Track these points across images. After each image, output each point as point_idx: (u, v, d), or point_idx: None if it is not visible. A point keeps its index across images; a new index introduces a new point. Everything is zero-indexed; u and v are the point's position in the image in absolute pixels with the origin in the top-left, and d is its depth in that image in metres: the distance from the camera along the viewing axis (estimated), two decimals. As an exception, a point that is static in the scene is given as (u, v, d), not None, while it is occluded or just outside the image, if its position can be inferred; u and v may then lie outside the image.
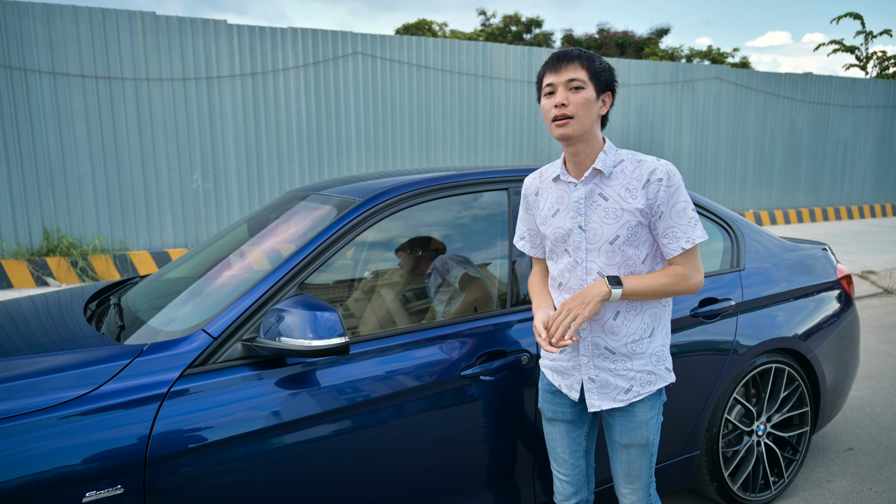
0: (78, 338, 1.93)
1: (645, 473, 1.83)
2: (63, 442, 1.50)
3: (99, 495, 1.51)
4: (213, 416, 1.65)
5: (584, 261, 1.72)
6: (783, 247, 2.97)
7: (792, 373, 2.75)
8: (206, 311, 1.85)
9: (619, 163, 1.71)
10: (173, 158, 7.95)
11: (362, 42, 8.97)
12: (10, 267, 7.12)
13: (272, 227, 2.43)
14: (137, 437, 1.56)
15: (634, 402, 1.75)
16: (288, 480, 1.73)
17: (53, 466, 1.47)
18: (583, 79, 1.64)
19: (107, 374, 1.62)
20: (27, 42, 7.10)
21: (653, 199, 1.67)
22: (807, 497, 2.81)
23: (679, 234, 1.68)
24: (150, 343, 1.72)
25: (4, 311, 2.36)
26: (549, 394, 1.88)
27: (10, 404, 1.52)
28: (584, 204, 1.71)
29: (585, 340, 1.76)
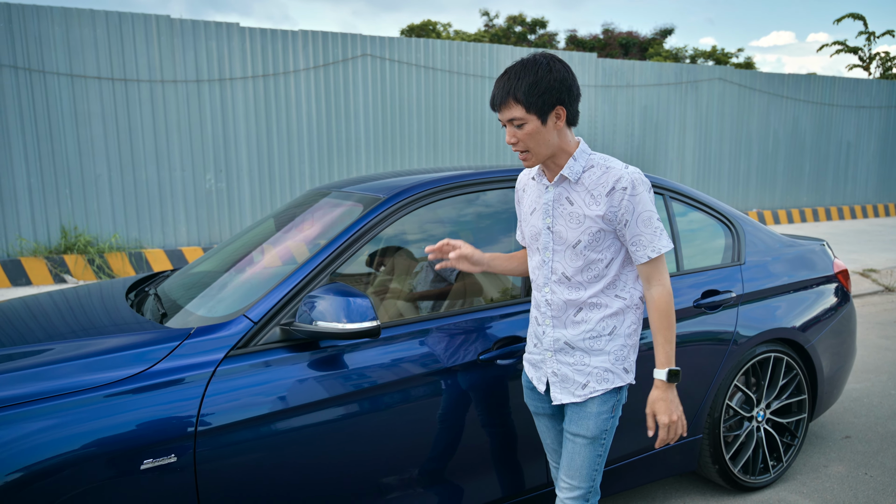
0: (129, 322, 2.09)
1: (586, 471, 1.79)
2: (124, 414, 1.65)
3: (155, 463, 1.66)
4: (254, 394, 1.81)
5: (550, 261, 1.78)
6: (782, 242, 3.11)
7: (790, 362, 2.89)
8: (245, 299, 2.00)
9: (588, 168, 1.72)
10: (187, 158, 8.13)
11: (371, 44, 9.13)
12: (29, 264, 7.30)
13: (300, 221, 2.59)
14: (188, 411, 1.72)
15: (590, 396, 1.77)
16: (320, 452, 1.88)
17: (116, 436, 1.63)
18: (520, 116, 1.63)
19: (160, 354, 1.78)
20: (46, 45, 7.28)
21: (616, 206, 1.68)
22: (804, 481, 2.95)
23: (645, 242, 1.70)
24: (196, 327, 1.88)
25: (50, 300, 2.53)
26: (529, 390, 1.95)
27: (77, 380, 1.68)
28: (553, 206, 1.76)
29: (548, 336, 1.81)
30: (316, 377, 1.89)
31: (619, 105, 11.47)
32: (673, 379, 1.74)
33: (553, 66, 1.63)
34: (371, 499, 1.98)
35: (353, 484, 1.95)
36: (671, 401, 1.75)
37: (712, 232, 2.88)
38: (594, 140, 11.30)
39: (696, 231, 2.83)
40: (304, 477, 1.87)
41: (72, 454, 1.58)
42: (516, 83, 1.62)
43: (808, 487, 2.88)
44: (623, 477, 2.51)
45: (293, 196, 8.84)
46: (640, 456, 2.53)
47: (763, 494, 2.83)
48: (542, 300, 1.82)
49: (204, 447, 1.72)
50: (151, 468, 1.66)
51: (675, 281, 2.62)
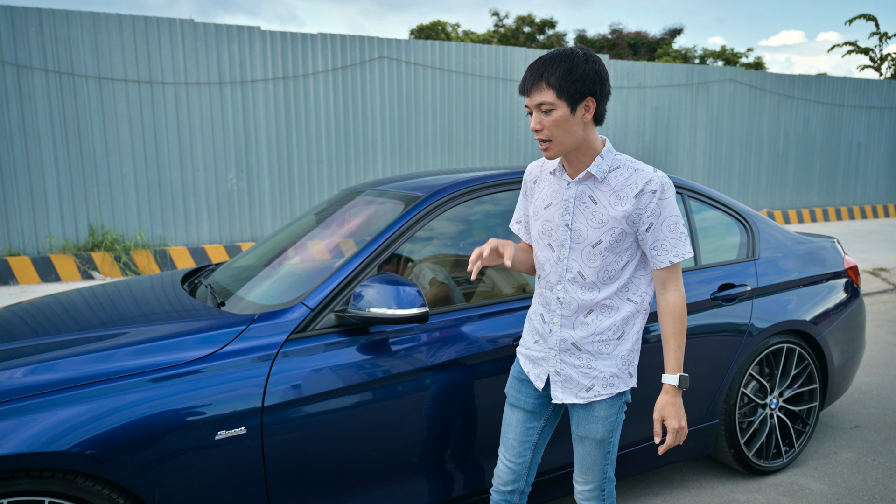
0: (195, 309, 2.28)
1: (598, 468, 1.84)
2: (201, 390, 1.84)
3: (228, 434, 1.85)
4: (312, 374, 1.99)
5: (566, 258, 1.75)
6: (794, 239, 3.26)
7: (802, 353, 3.04)
8: (301, 288, 2.19)
9: (614, 168, 1.71)
10: (209, 158, 8.34)
11: (388, 46, 9.31)
12: (58, 261, 7.53)
13: (342, 217, 2.77)
14: (256, 388, 1.90)
15: (594, 400, 1.78)
16: (370, 426, 2.06)
17: (195, 409, 1.81)
18: (550, 101, 1.60)
19: (229, 337, 1.96)
20: (75, 48, 7.51)
21: (643, 209, 1.67)
22: (815, 466, 3.10)
23: (668, 247, 1.70)
24: (259, 313, 2.06)
25: (114, 289, 2.72)
26: (518, 381, 1.93)
27: (157, 358, 1.86)
28: (574, 203, 1.73)
29: (555, 335, 1.79)
30: (366, 360, 2.07)
31: (631, 106, 11.60)
32: (683, 384, 1.73)
33: (590, 58, 1.62)
34: (415, 472, 2.16)
35: (400, 458, 2.12)
36: (680, 406, 1.74)
37: (728, 229, 3.04)
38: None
39: (712, 228, 2.99)
40: (354, 450, 2.04)
41: (159, 425, 1.76)
42: (551, 67, 1.60)
43: (819, 472, 3.03)
44: (641, 460, 2.67)
45: (311, 195, 9.04)
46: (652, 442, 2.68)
47: (776, 478, 2.99)
48: (553, 298, 1.78)
49: (269, 420, 1.90)
50: (225, 438, 1.84)
51: (693, 275, 2.78)
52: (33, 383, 1.75)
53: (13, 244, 7.51)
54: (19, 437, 1.63)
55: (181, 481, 1.79)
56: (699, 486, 2.93)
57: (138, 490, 1.75)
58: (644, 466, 2.70)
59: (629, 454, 2.60)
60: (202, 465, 1.82)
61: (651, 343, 2.51)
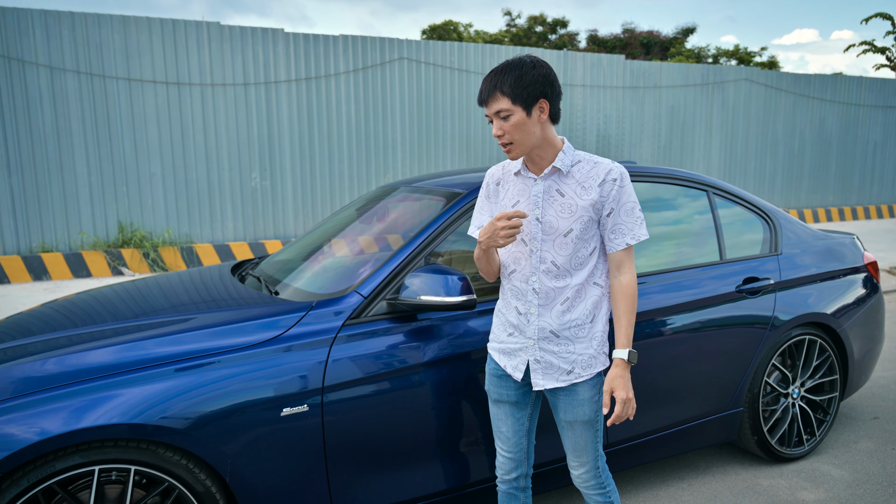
0: (255, 297, 2.43)
1: (591, 447, 1.93)
2: (268, 370, 1.99)
3: (292, 411, 2.00)
4: (366, 357, 2.13)
5: (538, 250, 1.85)
6: (815, 235, 3.37)
7: (823, 344, 3.15)
8: (352, 278, 2.34)
9: (576, 163, 1.85)
10: (234, 158, 8.54)
11: (408, 48, 9.47)
12: (89, 258, 7.75)
13: (382, 212, 2.92)
14: (317, 369, 2.05)
15: (576, 382, 1.87)
16: (418, 407, 2.20)
17: (264, 387, 1.97)
18: (507, 107, 1.74)
19: (291, 322, 2.11)
20: (106, 51, 7.72)
21: (606, 196, 1.81)
22: (836, 454, 3.21)
23: (626, 230, 1.84)
24: (316, 301, 2.21)
25: (167, 281, 2.89)
26: (496, 377, 2.00)
27: (227, 341, 2.02)
28: (542, 198, 1.84)
29: (532, 324, 1.88)
30: (416, 345, 2.21)
31: (647, 106, 11.69)
32: (632, 359, 1.84)
33: (537, 64, 1.76)
34: (461, 451, 2.30)
35: (447, 437, 2.27)
36: (628, 379, 1.83)
37: (751, 225, 3.16)
38: (621, 140, 11.53)
39: (736, 224, 3.11)
40: (404, 428, 2.19)
41: (231, 402, 1.92)
42: (503, 77, 1.74)
43: (840, 459, 3.15)
44: (667, 445, 2.79)
45: (333, 194, 9.22)
46: (683, 426, 2.81)
47: (798, 465, 3.10)
48: (529, 289, 1.87)
49: (329, 399, 2.05)
50: (289, 415, 2.00)
51: (718, 268, 2.90)
52: (121, 361, 1.91)
53: (46, 241, 7.74)
54: (111, 409, 1.79)
55: (251, 454, 1.95)
56: (723, 472, 3.05)
57: (213, 461, 1.90)
58: (670, 451, 2.82)
59: (656, 439, 2.73)
60: (269, 439, 1.97)
61: (659, 337, 2.64)
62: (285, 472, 2.02)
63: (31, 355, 1.99)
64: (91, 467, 1.79)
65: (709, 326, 2.76)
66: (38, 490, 1.74)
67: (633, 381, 2.55)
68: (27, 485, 1.73)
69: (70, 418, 1.76)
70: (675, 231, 2.95)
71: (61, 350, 1.99)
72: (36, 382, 1.84)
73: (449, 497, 2.31)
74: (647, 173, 2.87)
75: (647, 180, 2.86)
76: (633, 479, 2.99)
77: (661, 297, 2.67)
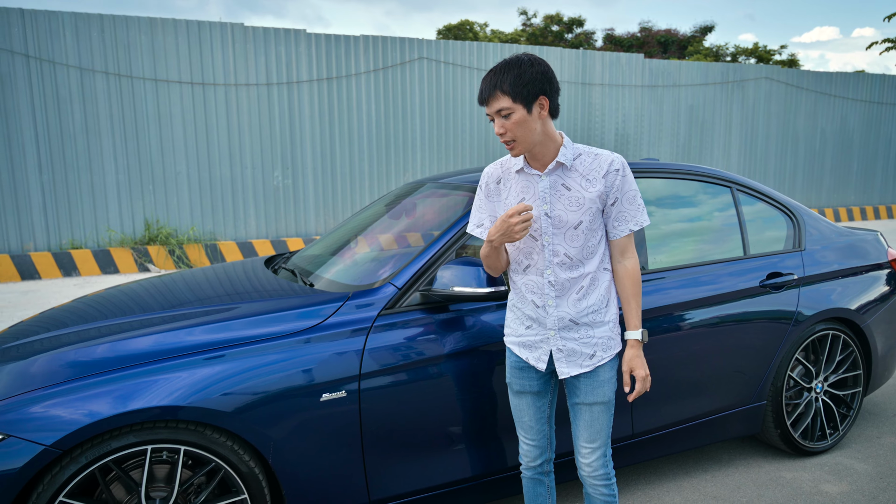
0: (293, 288, 2.53)
1: (605, 431, 1.98)
2: (308, 356, 2.08)
3: (331, 396, 2.09)
4: (401, 345, 2.21)
5: (550, 244, 1.90)
6: (838, 232, 3.39)
7: (847, 340, 3.18)
8: (386, 270, 2.42)
9: (577, 156, 1.89)
10: (257, 157, 8.68)
11: (427, 48, 9.56)
12: (116, 254, 7.94)
13: (412, 207, 3.00)
14: (354, 356, 2.13)
15: (598, 365, 1.94)
16: (450, 393, 2.28)
17: (304, 373, 2.06)
18: (508, 105, 1.77)
19: (329, 312, 2.20)
20: (133, 52, 7.90)
21: (610, 186, 1.87)
22: (859, 448, 3.24)
23: (629, 217, 1.91)
24: (352, 292, 2.30)
25: (200, 273, 2.99)
26: (517, 370, 2.04)
27: (270, 329, 2.11)
28: (549, 194, 1.88)
29: (551, 315, 1.93)
30: (447, 334, 2.29)
31: (666, 104, 11.66)
32: (644, 338, 1.95)
33: (535, 62, 1.79)
34: (491, 437, 2.37)
35: (480, 423, 2.34)
36: (643, 357, 1.94)
37: (775, 221, 3.19)
38: (640, 139, 11.52)
39: (760, 220, 3.15)
40: (436, 414, 2.26)
41: (275, 386, 2.01)
42: (502, 76, 1.77)
43: (863, 454, 3.17)
44: (691, 436, 2.84)
45: (353, 192, 9.33)
46: (707, 418, 2.86)
47: (821, 458, 3.13)
48: (545, 283, 1.92)
49: (365, 386, 2.13)
50: (328, 400, 2.08)
51: (743, 263, 2.94)
52: (172, 347, 2.01)
53: (76, 238, 7.94)
54: (163, 392, 1.89)
55: (292, 436, 2.04)
56: (746, 465, 3.09)
57: (257, 443, 1.99)
58: (695, 443, 2.87)
59: (681, 430, 2.78)
60: (309, 423, 2.06)
61: (683, 331, 2.69)
62: (324, 455, 2.10)
63: (84, 342, 2.09)
64: (143, 447, 1.89)
65: (733, 320, 2.81)
66: (96, 467, 1.84)
67: (660, 373, 2.60)
68: (85, 462, 1.83)
69: (125, 400, 1.86)
70: (700, 227, 3.00)
71: (115, 336, 2.10)
72: (92, 366, 1.95)
73: (477, 483, 2.38)
74: (672, 170, 2.92)
75: (671, 177, 2.91)
76: (658, 470, 3.04)
77: (684, 291, 2.72)
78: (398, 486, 2.25)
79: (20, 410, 1.82)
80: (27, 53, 7.45)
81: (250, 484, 2.02)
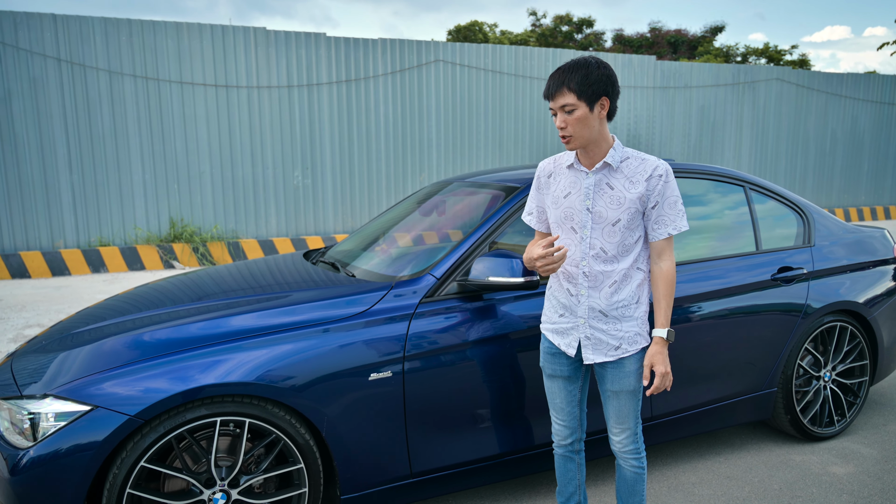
0: (339, 278, 2.73)
1: (632, 415, 2.13)
2: (358, 340, 2.28)
3: (378, 376, 2.29)
4: (439, 330, 2.41)
5: (588, 237, 2.03)
6: (846, 229, 3.56)
7: (854, 331, 3.35)
8: (426, 262, 2.62)
9: (625, 159, 2.03)
10: (278, 157, 8.92)
11: (443, 50, 9.76)
12: (143, 251, 8.19)
13: (442, 204, 3.21)
14: (399, 340, 2.34)
15: (623, 357, 2.08)
16: (484, 375, 2.48)
17: (355, 354, 2.26)
18: (572, 102, 1.91)
19: (374, 299, 2.40)
20: (160, 56, 8.15)
21: (652, 190, 1.98)
22: (865, 434, 3.41)
23: (668, 221, 2.03)
24: (395, 281, 2.50)
25: (244, 266, 3.21)
26: (550, 355, 2.20)
27: (323, 313, 2.32)
28: (593, 190, 2.02)
29: (583, 304, 2.08)
30: (482, 321, 2.48)
31: (677, 105, 11.81)
32: (670, 338, 2.05)
33: (601, 64, 1.94)
34: (523, 416, 2.57)
35: (509, 403, 2.54)
36: (666, 356, 2.05)
37: (786, 218, 3.37)
38: (652, 139, 11.67)
39: (772, 217, 3.32)
40: (473, 394, 2.46)
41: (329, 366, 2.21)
42: (570, 74, 1.92)
43: (869, 440, 3.34)
44: (706, 420, 3.02)
45: (371, 192, 9.55)
46: (721, 403, 3.04)
47: (828, 443, 3.31)
48: (580, 273, 2.06)
49: (409, 367, 2.34)
50: (376, 380, 2.29)
51: (755, 258, 3.12)
52: (237, 329, 2.23)
53: (104, 235, 8.20)
54: (231, 369, 2.10)
55: (344, 412, 2.24)
56: (758, 448, 3.27)
57: (313, 417, 2.20)
58: (708, 426, 3.05)
59: (694, 415, 2.96)
60: (359, 401, 2.27)
61: (700, 321, 2.88)
62: (371, 430, 2.31)
63: (155, 325, 2.31)
64: (213, 418, 2.10)
65: (746, 311, 2.99)
66: (172, 436, 2.06)
67: (678, 360, 2.79)
68: (163, 431, 2.04)
69: (198, 376, 2.07)
70: (715, 224, 3.18)
71: (182, 320, 2.31)
72: (165, 346, 2.16)
73: (510, 458, 2.58)
74: (689, 170, 3.10)
75: (688, 176, 3.09)
76: (674, 453, 3.22)
77: (701, 284, 2.90)
78: (437, 460, 2.45)
79: (105, 385, 2.04)
80: (59, 57, 7.71)
81: (306, 454, 2.23)
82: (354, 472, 2.31)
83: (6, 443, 2.04)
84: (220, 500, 2.14)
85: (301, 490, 2.24)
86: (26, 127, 7.67)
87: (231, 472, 2.15)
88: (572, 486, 2.35)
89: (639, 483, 2.21)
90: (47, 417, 2.00)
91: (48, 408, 2.01)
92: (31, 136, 7.71)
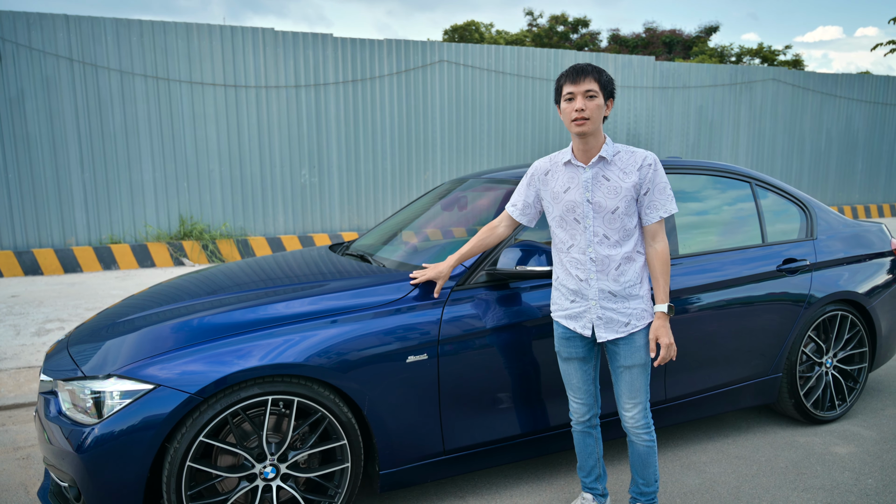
0: (372, 269, 2.89)
1: (643, 389, 2.31)
2: (397, 324, 2.44)
3: (415, 359, 2.45)
4: (472, 316, 2.57)
5: (591, 226, 2.24)
6: (845, 223, 3.75)
7: (854, 320, 3.53)
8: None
9: (616, 153, 2.25)
10: (285, 156, 9.06)
11: (448, 51, 9.92)
12: (153, 249, 8.32)
13: (462, 199, 3.37)
14: (433, 324, 2.49)
15: (633, 332, 2.26)
16: (513, 359, 2.64)
17: (394, 338, 2.42)
18: (595, 90, 2.16)
19: (409, 288, 2.56)
20: (171, 56, 8.28)
21: (643, 178, 2.21)
22: (865, 418, 3.59)
23: (659, 205, 2.24)
24: (428, 270, 2.66)
25: (280, 258, 3.36)
26: (565, 339, 2.38)
27: (364, 300, 2.48)
28: (591, 183, 2.23)
29: (593, 287, 2.27)
30: (508, 307, 2.65)
31: (675, 105, 12.01)
32: (670, 312, 2.25)
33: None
34: (549, 398, 2.73)
35: (535, 385, 2.70)
36: (668, 328, 2.25)
37: (789, 213, 3.55)
38: (651, 139, 11.87)
39: (776, 212, 3.50)
40: (502, 376, 2.62)
41: (371, 348, 2.37)
42: (594, 69, 2.20)
43: (869, 423, 3.52)
44: (715, 403, 3.19)
45: (376, 190, 9.70)
46: (729, 387, 3.21)
47: (830, 426, 3.49)
48: (587, 259, 2.25)
49: (443, 351, 2.50)
50: (413, 362, 2.44)
51: (761, 250, 3.30)
52: (282, 315, 2.38)
53: (115, 233, 8.32)
54: (281, 351, 2.26)
55: (383, 392, 2.40)
56: (763, 431, 3.44)
57: (355, 396, 2.35)
58: (716, 409, 3.22)
59: (702, 399, 3.13)
60: (397, 382, 2.42)
61: (709, 310, 3.05)
62: (408, 409, 2.46)
63: (206, 310, 2.46)
64: (265, 397, 2.25)
65: (753, 301, 3.16)
66: (228, 413, 2.21)
67: (688, 346, 2.96)
68: (220, 409, 2.20)
69: (252, 357, 2.22)
70: (723, 218, 3.35)
71: (231, 306, 2.46)
72: (218, 330, 2.31)
73: (534, 438, 2.74)
74: (695, 167, 3.27)
75: (695, 173, 3.27)
76: (684, 436, 3.40)
77: (709, 275, 3.07)
78: (468, 438, 2.61)
79: (165, 366, 2.19)
80: (71, 57, 7.83)
81: (349, 432, 2.38)
82: (392, 448, 2.46)
83: (70, 421, 2.19)
84: (270, 473, 2.30)
85: (344, 465, 2.39)
86: (39, 126, 7.78)
87: (280, 448, 2.31)
88: (592, 460, 2.52)
89: (651, 455, 2.38)
90: (112, 396, 2.15)
91: (113, 387, 2.16)
92: (44, 135, 7.83)
